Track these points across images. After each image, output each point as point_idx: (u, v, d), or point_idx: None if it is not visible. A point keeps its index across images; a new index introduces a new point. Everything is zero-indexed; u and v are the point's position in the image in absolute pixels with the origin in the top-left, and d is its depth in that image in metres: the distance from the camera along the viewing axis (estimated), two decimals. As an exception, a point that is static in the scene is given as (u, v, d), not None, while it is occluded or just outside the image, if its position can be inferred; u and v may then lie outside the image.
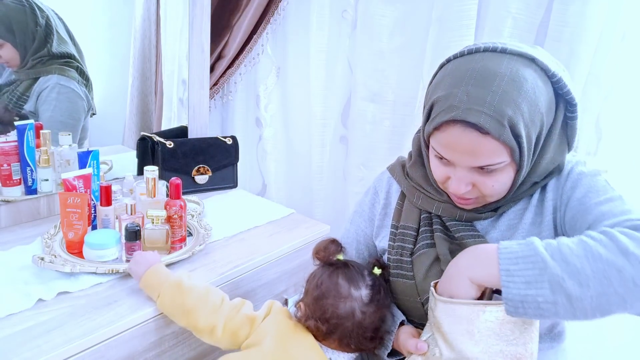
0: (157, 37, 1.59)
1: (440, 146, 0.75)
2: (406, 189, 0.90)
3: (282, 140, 1.85)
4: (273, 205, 1.46)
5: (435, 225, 0.85)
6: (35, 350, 0.75)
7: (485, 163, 0.71)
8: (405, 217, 0.88)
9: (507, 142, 0.68)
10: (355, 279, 0.79)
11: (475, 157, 0.71)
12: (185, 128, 1.58)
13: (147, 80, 1.61)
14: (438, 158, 0.77)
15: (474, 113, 0.68)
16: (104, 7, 1.44)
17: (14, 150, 1.14)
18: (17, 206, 1.17)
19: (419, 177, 0.88)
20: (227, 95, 1.81)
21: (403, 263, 0.85)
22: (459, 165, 0.74)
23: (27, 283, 0.91)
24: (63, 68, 1.29)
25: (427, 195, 0.86)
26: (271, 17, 1.67)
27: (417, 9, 1.40)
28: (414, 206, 0.88)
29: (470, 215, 0.82)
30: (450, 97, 0.71)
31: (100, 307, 0.87)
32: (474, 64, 0.71)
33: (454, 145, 0.72)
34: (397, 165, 0.96)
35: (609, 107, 1.16)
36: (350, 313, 0.77)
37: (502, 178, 0.73)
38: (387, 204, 0.95)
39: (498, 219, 0.82)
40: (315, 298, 0.79)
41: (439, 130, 0.73)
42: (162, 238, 1.03)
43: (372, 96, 1.53)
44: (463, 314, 0.67)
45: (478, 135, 0.69)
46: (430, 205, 0.86)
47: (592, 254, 0.60)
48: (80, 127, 1.35)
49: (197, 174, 1.49)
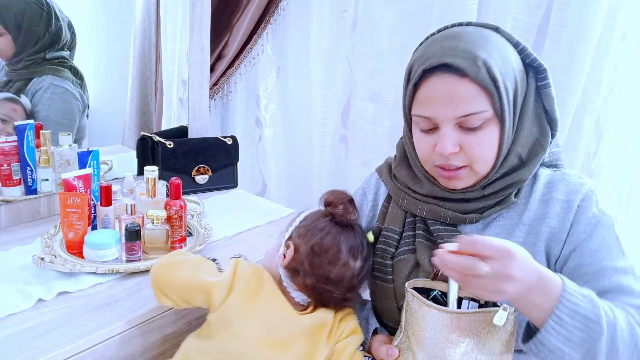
0: (157, 37, 1.59)
1: (421, 106, 0.74)
2: (392, 190, 0.89)
3: (282, 140, 1.85)
4: (273, 205, 1.46)
5: (418, 231, 0.83)
6: (35, 350, 0.75)
7: (465, 111, 0.70)
8: (389, 220, 0.87)
9: (484, 83, 0.68)
10: (356, 249, 0.78)
11: (455, 104, 0.70)
12: (185, 128, 1.58)
13: (147, 80, 1.62)
14: (421, 131, 0.77)
15: (449, 57, 0.69)
16: (104, 7, 1.44)
17: (14, 150, 1.14)
18: (17, 206, 1.17)
19: (404, 177, 0.87)
20: (227, 95, 1.81)
21: (383, 266, 0.84)
22: (442, 121, 0.72)
23: (27, 283, 0.91)
24: (57, 68, 1.28)
25: (412, 196, 0.85)
26: (271, 17, 1.67)
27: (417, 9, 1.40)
28: (399, 209, 0.87)
29: (454, 216, 0.79)
30: (425, 53, 0.74)
31: (100, 307, 0.87)
32: (445, 31, 0.77)
33: (432, 96, 0.72)
34: (384, 166, 0.95)
35: (609, 107, 1.16)
36: (339, 279, 0.76)
37: (487, 137, 0.72)
38: (375, 205, 0.94)
39: (484, 230, 0.79)
40: (312, 251, 0.77)
41: (418, 90, 0.74)
42: (162, 238, 1.03)
43: (372, 96, 1.53)
44: (447, 320, 0.66)
45: (455, 79, 0.69)
46: (414, 206, 0.84)
47: (637, 346, 0.62)
48: (75, 127, 1.34)
49: (197, 174, 1.49)
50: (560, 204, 0.75)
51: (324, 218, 0.81)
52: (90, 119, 1.42)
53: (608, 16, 1.08)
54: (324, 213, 0.82)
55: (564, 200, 0.75)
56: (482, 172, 0.75)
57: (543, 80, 0.75)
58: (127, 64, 1.55)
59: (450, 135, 0.72)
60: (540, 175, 0.79)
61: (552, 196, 0.76)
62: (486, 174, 0.76)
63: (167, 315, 0.92)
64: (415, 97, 0.75)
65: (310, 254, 0.77)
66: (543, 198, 0.77)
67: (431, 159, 0.77)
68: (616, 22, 1.08)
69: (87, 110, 1.39)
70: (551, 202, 0.75)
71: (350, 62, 1.62)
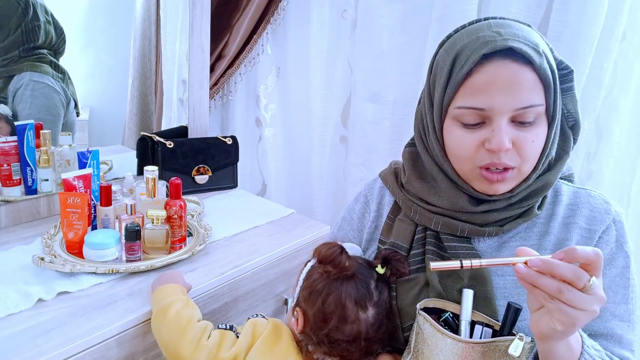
0: (157, 37, 1.59)
1: (472, 96, 0.65)
2: (402, 202, 0.81)
3: (282, 140, 1.85)
4: (273, 205, 1.46)
5: (429, 246, 0.75)
6: (35, 350, 0.75)
7: (527, 101, 0.63)
8: (396, 234, 0.79)
9: (545, 74, 0.63)
10: (362, 299, 0.72)
11: (517, 94, 0.63)
12: (185, 128, 1.58)
13: (147, 80, 1.61)
14: (464, 126, 0.68)
15: (513, 42, 0.63)
16: (104, 7, 1.44)
17: (14, 150, 1.14)
18: (17, 206, 1.17)
19: (417, 190, 0.78)
20: (227, 95, 1.81)
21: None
22: (498, 114, 0.64)
23: (27, 283, 0.91)
24: (35, 64, 1.24)
25: (426, 208, 0.76)
26: (271, 17, 1.67)
27: (417, 9, 1.40)
28: (408, 222, 0.79)
29: (472, 229, 0.72)
30: (479, 39, 0.65)
31: (100, 307, 0.87)
32: (486, 21, 0.69)
33: (491, 84, 0.64)
34: (390, 173, 0.86)
35: (609, 107, 1.16)
36: (354, 337, 0.71)
37: (540, 132, 0.66)
38: (378, 216, 0.86)
39: (499, 250, 0.73)
40: (318, 318, 0.72)
41: (469, 78, 0.65)
42: (162, 238, 1.03)
43: (372, 96, 1.53)
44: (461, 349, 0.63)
45: (518, 66, 0.63)
46: (428, 219, 0.75)
47: None
48: (60, 122, 1.30)
49: (197, 174, 1.49)
50: (581, 232, 0.71)
51: (320, 277, 0.74)
52: (90, 119, 1.42)
53: (608, 16, 1.08)
54: (319, 271, 0.75)
55: (585, 229, 0.71)
56: (526, 174, 0.69)
57: (568, 82, 0.70)
58: (127, 64, 1.55)
59: (506, 130, 0.64)
60: (563, 194, 0.74)
61: (574, 221, 0.71)
62: (526, 178, 0.70)
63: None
64: (463, 87, 0.66)
65: (317, 321, 0.72)
66: (565, 222, 0.72)
67: (474, 158, 0.68)
68: (616, 22, 1.08)
69: (77, 107, 1.35)
70: (573, 227, 0.71)
71: (350, 62, 1.62)
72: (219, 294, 1.03)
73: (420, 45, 1.40)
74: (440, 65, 0.71)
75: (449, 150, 0.71)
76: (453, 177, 0.72)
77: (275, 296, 1.20)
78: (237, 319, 1.10)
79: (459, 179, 0.72)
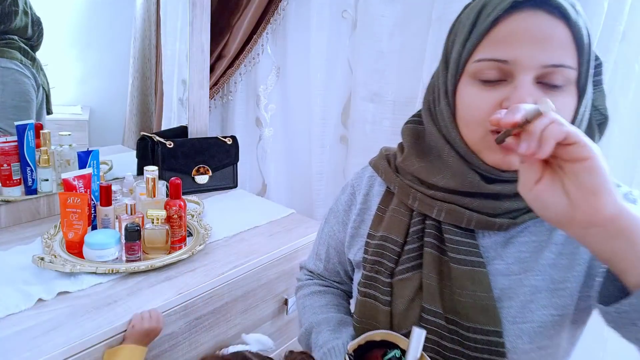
0: (157, 37, 1.59)
1: (496, 47, 0.57)
2: (398, 187, 0.70)
3: (282, 140, 1.85)
4: (273, 205, 1.46)
5: (428, 238, 0.65)
6: (35, 350, 0.75)
7: (558, 59, 0.55)
8: (387, 226, 0.69)
9: (579, 33, 0.56)
10: None
11: (547, 48, 0.55)
12: (185, 128, 1.58)
13: (147, 80, 1.62)
14: (482, 82, 0.58)
15: None
16: (104, 7, 1.44)
17: (14, 150, 1.14)
18: (17, 206, 1.17)
19: (417, 168, 0.68)
20: (227, 95, 1.81)
21: (378, 283, 0.67)
22: (524, 68, 0.55)
23: (27, 283, 0.91)
24: (3, 50, 1.20)
25: (427, 194, 0.66)
26: (271, 17, 1.67)
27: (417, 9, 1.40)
28: (402, 212, 0.69)
29: (481, 220, 0.61)
30: None
31: (100, 307, 0.87)
32: None
33: (518, 35, 0.55)
34: (381, 160, 0.76)
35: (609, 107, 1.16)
36: None
37: (568, 103, 0.58)
38: (365, 209, 0.76)
39: (505, 247, 0.63)
40: None
41: (496, 27, 0.57)
42: (162, 238, 1.03)
43: (372, 96, 1.53)
44: None
45: (551, 19, 0.55)
46: (428, 207, 0.65)
47: None
48: (34, 108, 1.25)
49: (197, 174, 1.49)
50: None
51: None
52: (90, 119, 1.42)
53: (608, 16, 1.08)
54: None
55: None
56: None
57: (597, 75, 0.63)
58: (127, 64, 1.55)
59: (530, 89, 0.55)
60: None
61: None
62: None
63: (167, 315, 0.92)
64: (487, 38, 0.58)
65: None
66: None
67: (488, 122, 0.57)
68: (616, 22, 1.08)
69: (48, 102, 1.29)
70: None
71: (350, 62, 1.62)
72: (219, 294, 1.03)
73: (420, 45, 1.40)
74: (462, 21, 0.63)
75: (460, 115, 0.62)
76: (461, 149, 0.62)
77: (275, 296, 1.20)
78: (237, 319, 1.10)
79: (468, 150, 0.61)
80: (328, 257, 0.84)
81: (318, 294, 0.84)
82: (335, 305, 0.82)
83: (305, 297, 0.84)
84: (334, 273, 0.85)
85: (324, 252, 0.85)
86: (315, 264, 0.87)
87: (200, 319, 1.00)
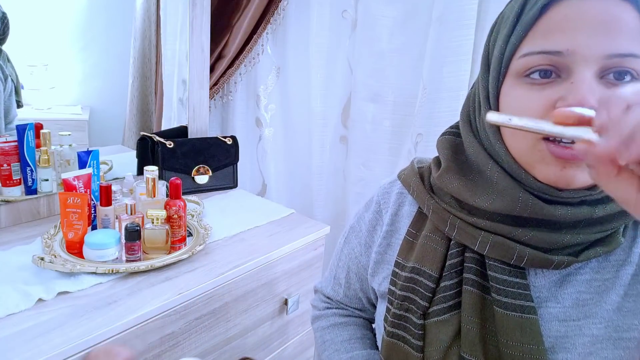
0: (157, 37, 1.59)
1: (547, 37, 0.47)
2: (433, 211, 0.59)
3: (282, 140, 1.85)
4: (273, 205, 1.46)
5: (468, 274, 0.55)
6: (35, 350, 0.75)
7: (624, 48, 0.44)
8: (420, 255, 0.59)
9: None
10: None
11: (611, 34, 0.44)
12: (185, 128, 1.58)
13: (147, 80, 1.62)
14: (528, 83, 0.48)
15: None
16: (104, 7, 1.44)
17: (14, 150, 1.14)
18: (17, 206, 1.17)
19: (456, 187, 0.57)
20: (227, 95, 1.81)
21: (409, 324, 0.58)
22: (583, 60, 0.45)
23: (27, 283, 0.91)
24: None
25: (468, 221, 0.55)
26: (271, 17, 1.67)
27: (417, 9, 1.40)
28: (438, 239, 0.59)
29: (535, 256, 0.51)
30: None
31: (100, 307, 0.87)
32: None
33: (574, 21, 0.45)
34: (412, 174, 0.65)
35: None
36: None
37: None
38: (393, 231, 0.66)
39: (562, 285, 0.53)
40: None
41: (543, 16, 0.47)
42: (162, 238, 1.03)
43: (372, 96, 1.53)
44: None
45: (615, 2, 0.45)
46: (471, 237, 0.54)
47: None
48: (0, 100, 1.20)
49: (197, 174, 1.49)
50: None
51: None
52: (90, 119, 1.42)
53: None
54: None
55: None
56: None
57: None
58: (127, 64, 1.55)
59: (592, 85, 0.45)
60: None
61: None
62: None
63: (167, 315, 0.92)
64: (534, 29, 0.48)
65: None
66: None
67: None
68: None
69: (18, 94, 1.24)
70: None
71: (350, 62, 1.62)
72: (219, 294, 1.03)
73: (420, 45, 1.40)
74: (506, 15, 0.53)
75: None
76: (507, 164, 0.52)
77: (275, 296, 1.20)
78: (237, 319, 1.10)
79: (515, 164, 0.51)
80: (348, 282, 0.75)
81: (339, 326, 0.75)
82: (359, 338, 0.73)
83: (324, 329, 0.76)
84: (356, 300, 0.76)
85: (343, 277, 0.75)
86: (334, 289, 0.78)
87: (200, 319, 1.00)
